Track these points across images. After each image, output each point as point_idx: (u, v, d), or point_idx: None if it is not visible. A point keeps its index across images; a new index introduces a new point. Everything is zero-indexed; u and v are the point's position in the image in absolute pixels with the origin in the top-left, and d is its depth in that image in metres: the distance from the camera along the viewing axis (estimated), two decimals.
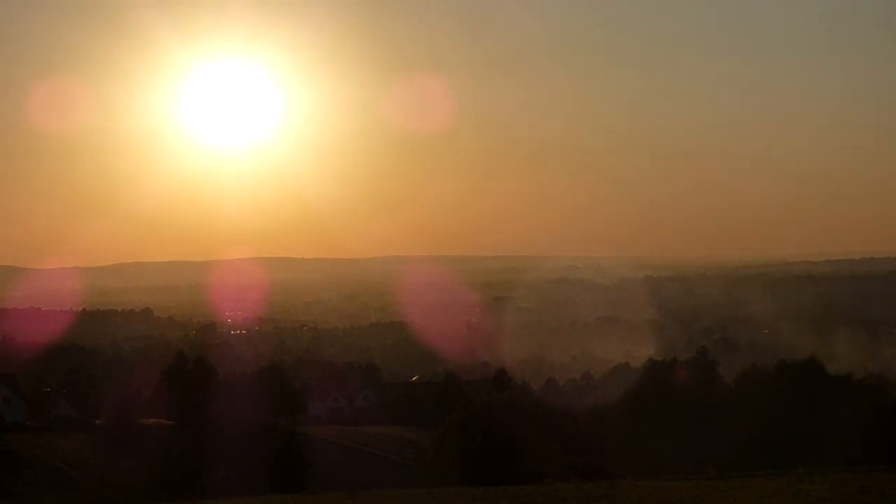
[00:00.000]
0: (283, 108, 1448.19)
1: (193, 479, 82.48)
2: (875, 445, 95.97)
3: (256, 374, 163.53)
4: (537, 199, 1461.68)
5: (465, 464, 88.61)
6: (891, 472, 47.95)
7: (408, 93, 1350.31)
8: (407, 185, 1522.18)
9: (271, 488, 74.95)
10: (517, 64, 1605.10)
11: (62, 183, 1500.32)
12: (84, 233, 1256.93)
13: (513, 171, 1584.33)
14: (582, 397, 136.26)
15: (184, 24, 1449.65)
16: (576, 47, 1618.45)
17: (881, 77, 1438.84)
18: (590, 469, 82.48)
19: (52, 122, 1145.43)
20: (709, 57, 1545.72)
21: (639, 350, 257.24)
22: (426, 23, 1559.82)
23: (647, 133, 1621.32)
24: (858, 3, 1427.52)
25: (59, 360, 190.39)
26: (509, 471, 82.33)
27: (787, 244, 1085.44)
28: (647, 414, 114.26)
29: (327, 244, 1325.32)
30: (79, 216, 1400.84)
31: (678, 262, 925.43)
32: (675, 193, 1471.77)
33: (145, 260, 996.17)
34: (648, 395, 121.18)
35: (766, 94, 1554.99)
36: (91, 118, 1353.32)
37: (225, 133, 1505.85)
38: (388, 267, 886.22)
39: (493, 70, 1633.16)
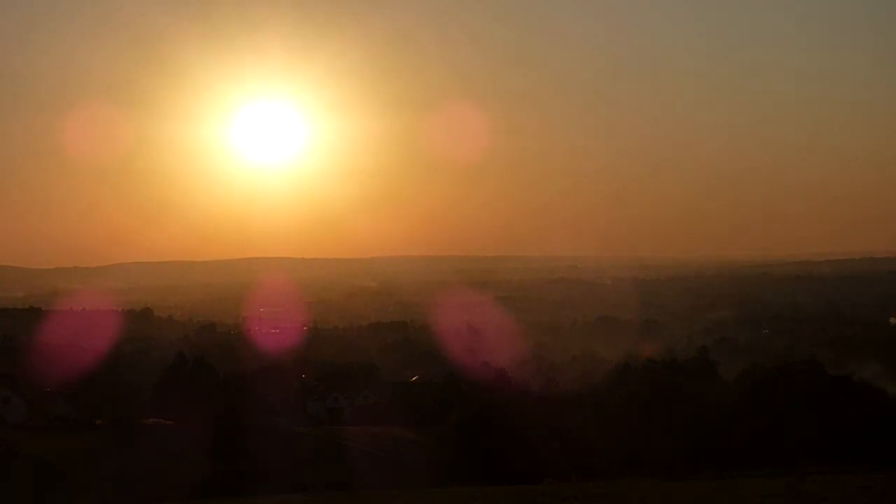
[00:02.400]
0: (300, 126, 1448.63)
1: (193, 479, 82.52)
2: (875, 445, 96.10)
3: (256, 373, 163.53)
4: (538, 199, 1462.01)
5: (465, 464, 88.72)
6: (891, 472, 47.94)
7: (411, 102, 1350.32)
8: (408, 185, 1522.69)
9: (272, 488, 75.00)
10: (511, 63, 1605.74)
11: (65, 183, 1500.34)
12: (84, 233, 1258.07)
13: (513, 172, 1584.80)
14: (582, 397, 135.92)
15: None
16: (577, 48, 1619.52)
17: (881, 76, 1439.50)
18: (590, 469, 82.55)
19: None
20: (710, 57, 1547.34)
21: (639, 350, 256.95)
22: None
23: (647, 133, 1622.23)
24: (859, 3, 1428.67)
25: (59, 360, 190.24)
26: (509, 471, 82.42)
27: (787, 244, 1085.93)
28: (647, 414, 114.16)
29: (327, 244, 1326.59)
30: (80, 217, 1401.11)
31: (678, 262, 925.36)
32: (675, 193, 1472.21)
33: (145, 260, 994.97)
34: (648, 395, 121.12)
35: (766, 93, 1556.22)
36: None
37: (237, 144, 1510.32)
38: (389, 267, 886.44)
39: (487, 71, 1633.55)
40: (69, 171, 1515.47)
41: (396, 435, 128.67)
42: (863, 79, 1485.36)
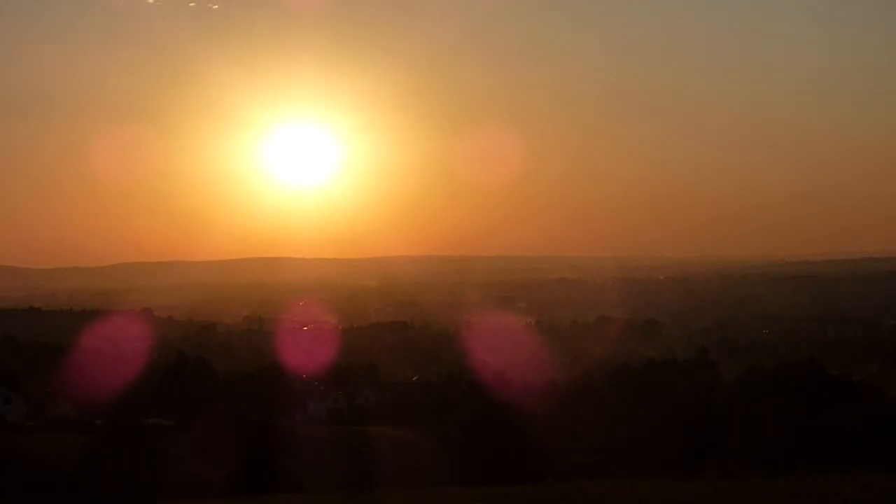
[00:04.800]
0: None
1: (193, 479, 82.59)
2: (875, 445, 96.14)
3: (256, 373, 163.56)
4: (537, 198, 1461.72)
5: (465, 464, 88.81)
6: (891, 472, 48.00)
7: (412, 105, 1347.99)
8: (407, 186, 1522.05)
9: (272, 488, 75.08)
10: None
11: (66, 184, 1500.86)
12: (84, 233, 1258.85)
13: (514, 173, 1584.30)
14: (582, 397, 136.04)
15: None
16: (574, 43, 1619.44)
17: (882, 75, 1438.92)
18: (590, 469, 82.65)
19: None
20: (712, 58, 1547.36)
21: (639, 350, 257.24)
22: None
23: (647, 133, 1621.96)
24: (862, 3, 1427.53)
25: (59, 360, 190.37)
26: (509, 471, 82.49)
27: (787, 244, 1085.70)
28: (647, 414, 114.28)
29: (328, 244, 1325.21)
30: (79, 216, 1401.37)
31: (678, 262, 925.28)
32: (674, 193, 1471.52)
33: (145, 260, 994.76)
34: (648, 396, 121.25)
35: (766, 93, 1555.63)
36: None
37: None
38: (389, 267, 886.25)
39: (500, 84, 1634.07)
40: (70, 173, 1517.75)
41: (396, 435, 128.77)
42: (862, 78, 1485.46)
